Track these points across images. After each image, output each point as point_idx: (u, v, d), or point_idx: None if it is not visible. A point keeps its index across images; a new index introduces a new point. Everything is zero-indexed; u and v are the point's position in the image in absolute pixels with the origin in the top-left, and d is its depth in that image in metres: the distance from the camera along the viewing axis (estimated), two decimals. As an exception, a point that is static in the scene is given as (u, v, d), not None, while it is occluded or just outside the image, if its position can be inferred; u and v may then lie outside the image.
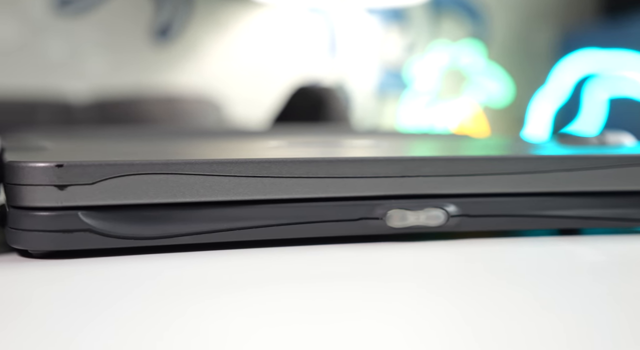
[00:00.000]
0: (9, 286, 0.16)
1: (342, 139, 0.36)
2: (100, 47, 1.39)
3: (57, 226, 0.18)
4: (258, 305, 0.14)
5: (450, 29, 1.59)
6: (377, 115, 1.55)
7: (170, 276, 0.17)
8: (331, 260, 0.19)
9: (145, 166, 0.18)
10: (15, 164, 0.18)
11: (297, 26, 1.52)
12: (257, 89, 1.49)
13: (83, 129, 0.53)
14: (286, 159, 0.20)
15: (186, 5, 1.46)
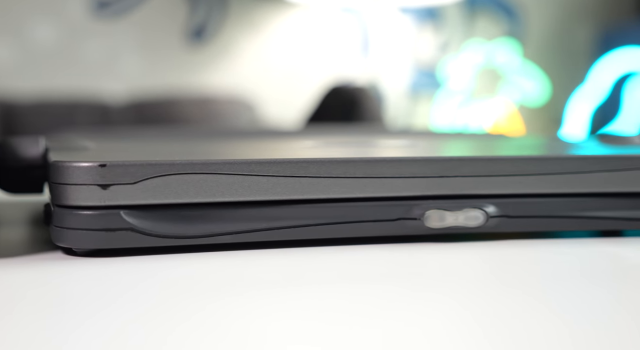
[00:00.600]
0: (54, 283, 0.16)
1: (376, 139, 0.36)
2: (136, 48, 1.42)
3: (100, 225, 0.18)
4: (297, 305, 0.14)
5: (485, 28, 1.58)
6: (409, 115, 1.54)
7: (210, 275, 0.17)
8: (369, 261, 0.19)
9: (186, 166, 0.19)
10: (60, 164, 0.18)
11: (330, 26, 1.52)
12: (290, 89, 1.50)
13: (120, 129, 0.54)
14: (324, 158, 0.20)
15: (220, 7, 1.48)
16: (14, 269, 0.17)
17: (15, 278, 0.16)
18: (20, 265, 0.18)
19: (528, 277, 0.17)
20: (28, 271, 0.17)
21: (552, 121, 1.57)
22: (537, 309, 0.14)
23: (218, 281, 0.16)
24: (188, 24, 1.46)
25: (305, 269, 0.18)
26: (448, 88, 1.54)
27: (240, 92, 1.43)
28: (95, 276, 0.17)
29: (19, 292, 0.15)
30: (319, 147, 0.27)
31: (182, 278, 0.16)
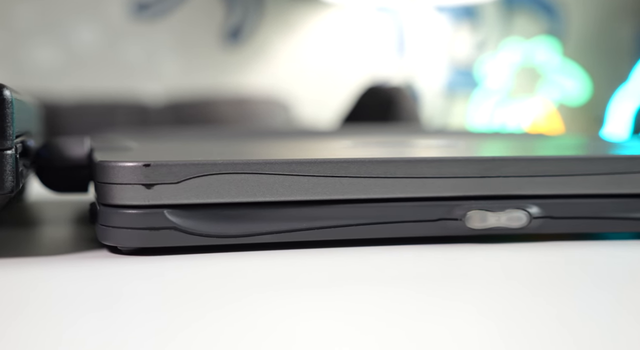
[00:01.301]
0: (100, 281, 0.16)
1: (413, 138, 0.35)
2: (174, 49, 1.44)
3: (144, 224, 0.18)
4: (337, 305, 0.14)
5: (523, 26, 1.55)
6: (445, 115, 1.53)
7: (251, 274, 0.17)
8: (409, 261, 0.19)
9: (227, 166, 0.19)
10: (106, 164, 0.19)
11: (366, 26, 1.52)
12: (325, 89, 1.50)
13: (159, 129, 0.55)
14: (364, 158, 0.20)
15: (257, 8, 1.49)
16: (62, 266, 0.18)
17: (64, 275, 0.17)
18: (67, 262, 0.18)
19: (572, 280, 0.17)
20: (75, 269, 0.17)
21: (592, 120, 1.54)
22: (581, 312, 0.14)
23: (259, 280, 0.16)
24: (224, 25, 1.47)
25: (345, 269, 0.18)
26: (485, 87, 1.52)
27: (276, 93, 1.44)
28: (138, 274, 0.17)
29: (67, 289, 0.16)
30: (358, 147, 0.27)
31: (224, 277, 0.17)
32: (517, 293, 0.16)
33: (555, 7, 1.55)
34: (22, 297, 0.15)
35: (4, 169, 0.17)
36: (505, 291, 0.16)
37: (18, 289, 0.16)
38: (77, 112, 1.22)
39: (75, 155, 0.24)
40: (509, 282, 0.17)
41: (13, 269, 0.17)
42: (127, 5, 1.39)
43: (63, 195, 0.31)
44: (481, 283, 0.16)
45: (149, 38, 1.41)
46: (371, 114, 1.00)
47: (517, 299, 0.15)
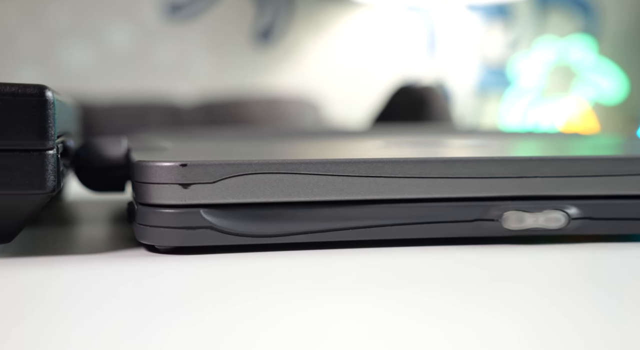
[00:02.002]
0: (140, 279, 0.17)
1: (445, 138, 0.35)
2: (205, 50, 1.45)
3: (181, 223, 0.19)
4: (373, 305, 0.14)
5: (558, 24, 1.53)
6: (477, 114, 1.52)
7: (286, 274, 0.17)
8: (444, 262, 0.18)
9: (263, 166, 0.19)
10: (144, 164, 0.19)
11: (396, 25, 1.51)
12: (355, 89, 1.50)
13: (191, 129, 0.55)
14: (399, 158, 0.20)
15: (287, 8, 1.49)
16: (101, 264, 0.18)
17: (102, 273, 0.17)
18: (106, 261, 0.18)
19: (611, 283, 0.17)
20: (114, 267, 0.18)
21: (628, 120, 1.51)
22: (619, 316, 0.14)
23: (294, 280, 0.16)
24: (255, 26, 1.48)
25: (380, 270, 0.17)
26: (518, 86, 1.50)
27: (306, 93, 1.44)
28: (176, 273, 0.17)
29: (106, 287, 0.16)
30: (391, 147, 0.27)
31: (259, 276, 0.17)
32: (555, 296, 0.15)
33: (590, 5, 1.53)
34: (61, 294, 0.15)
35: (46, 169, 0.17)
36: (543, 294, 0.15)
37: (57, 286, 0.16)
38: (110, 112, 1.24)
39: (112, 155, 0.24)
40: (546, 284, 0.16)
41: (53, 266, 0.18)
42: (160, 7, 1.41)
43: (100, 195, 0.31)
44: (517, 285, 0.16)
45: (182, 39, 1.42)
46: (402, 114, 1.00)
47: (554, 302, 0.15)
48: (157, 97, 1.32)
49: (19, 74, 1.35)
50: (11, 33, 1.35)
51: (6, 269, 0.17)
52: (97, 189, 0.25)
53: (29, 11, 1.36)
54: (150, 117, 1.26)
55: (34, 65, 1.37)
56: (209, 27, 1.44)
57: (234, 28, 1.46)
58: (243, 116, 1.30)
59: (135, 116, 1.25)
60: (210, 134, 0.39)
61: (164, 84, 1.39)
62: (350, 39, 1.50)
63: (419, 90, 1.04)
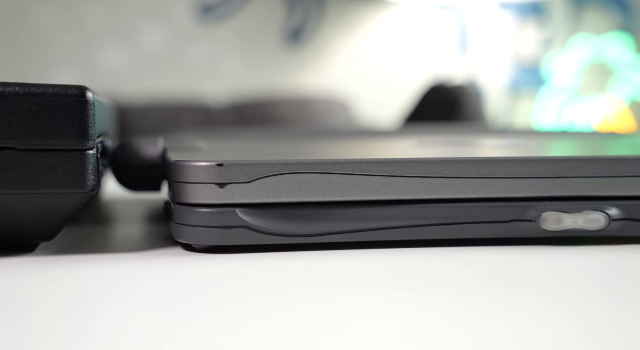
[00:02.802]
0: (177, 277, 0.17)
1: (479, 138, 0.35)
2: (237, 51, 1.46)
3: (217, 222, 0.19)
4: (407, 306, 0.14)
5: (593, 22, 1.50)
6: (510, 113, 1.50)
7: (322, 273, 0.17)
8: (481, 263, 0.18)
9: (298, 166, 0.19)
10: (181, 163, 0.19)
11: (427, 24, 1.50)
12: (386, 89, 1.49)
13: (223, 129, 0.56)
14: (435, 158, 0.20)
15: (318, 8, 1.50)
16: (139, 263, 0.18)
17: (141, 271, 0.17)
18: (144, 259, 0.19)
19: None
20: (151, 266, 0.18)
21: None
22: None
23: (329, 279, 0.16)
24: (286, 26, 1.49)
25: (416, 270, 0.17)
26: (552, 85, 1.47)
27: (336, 93, 1.44)
28: (212, 272, 0.17)
29: (145, 285, 0.16)
30: (425, 147, 0.26)
31: (294, 276, 0.17)
32: (595, 298, 0.15)
33: (628, 2, 1.49)
34: (101, 291, 0.16)
35: (87, 169, 0.17)
36: (582, 296, 0.15)
37: (96, 284, 0.16)
38: (144, 112, 1.26)
39: (149, 155, 0.24)
40: (586, 286, 0.16)
41: (91, 265, 0.18)
42: (193, 8, 1.42)
43: (136, 194, 0.32)
44: (556, 287, 0.16)
45: (213, 39, 1.44)
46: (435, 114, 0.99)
47: (594, 304, 0.15)
48: (189, 97, 1.33)
49: (56, 75, 1.38)
50: (48, 35, 1.38)
51: (49, 266, 0.18)
52: (134, 188, 0.25)
53: (66, 14, 1.39)
54: (183, 118, 1.28)
55: (70, 67, 1.39)
56: (240, 27, 1.45)
57: (264, 28, 1.47)
58: (273, 116, 1.31)
59: (167, 116, 1.27)
60: (242, 134, 0.39)
61: (196, 84, 1.41)
62: (381, 39, 1.50)
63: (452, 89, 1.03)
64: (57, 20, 1.38)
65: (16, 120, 0.17)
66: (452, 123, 0.95)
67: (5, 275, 0.17)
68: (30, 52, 1.38)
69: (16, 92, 0.17)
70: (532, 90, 1.49)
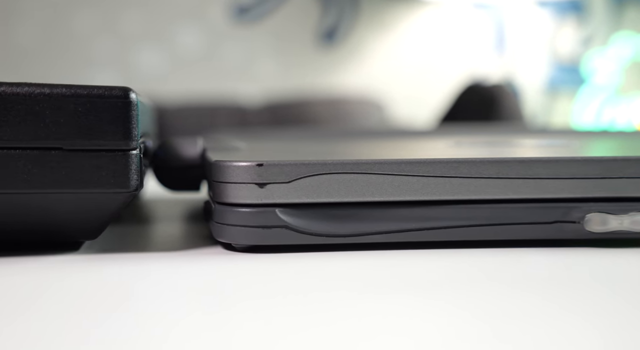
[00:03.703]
0: (218, 276, 0.17)
1: (517, 137, 0.34)
2: (271, 51, 1.47)
3: (257, 222, 0.19)
4: (448, 306, 0.14)
5: (635, 19, 1.46)
6: (548, 113, 1.47)
7: (361, 274, 0.17)
8: (521, 264, 0.18)
9: (337, 166, 0.19)
10: (221, 164, 0.19)
11: (463, 23, 1.49)
12: (421, 88, 1.48)
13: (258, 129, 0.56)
14: (475, 159, 0.19)
15: (352, 8, 1.49)
16: (180, 262, 0.18)
17: (182, 270, 0.18)
18: (184, 258, 0.19)
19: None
20: (193, 264, 0.18)
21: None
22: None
23: (369, 280, 0.16)
24: (320, 26, 1.49)
25: (456, 271, 0.17)
26: (592, 84, 1.44)
27: (371, 92, 1.43)
28: (253, 271, 0.17)
29: (187, 283, 0.16)
30: (463, 146, 0.26)
31: (333, 276, 0.17)
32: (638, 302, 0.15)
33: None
34: (146, 289, 0.16)
35: (130, 169, 0.18)
36: (627, 299, 0.15)
37: (139, 281, 0.17)
38: (180, 113, 1.28)
39: (189, 155, 0.25)
40: (631, 290, 0.16)
41: (134, 263, 0.18)
42: (228, 9, 1.44)
43: (175, 194, 0.32)
44: (600, 289, 0.16)
45: (248, 40, 1.45)
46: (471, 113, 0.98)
47: (634, 307, 0.14)
48: (223, 97, 1.34)
49: (95, 76, 1.40)
50: (88, 38, 1.41)
51: (93, 264, 0.18)
52: (174, 188, 0.25)
53: (105, 18, 1.41)
54: (218, 118, 1.29)
55: (109, 68, 1.42)
56: (275, 28, 1.46)
57: (299, 29, 1.47)
58: (307, 116, 1.31)
59: (203, 117, 1.28)
60: (276, 134, 0.40)
61: (230, 84, 1.42)
62: (416, 38, 1.49)
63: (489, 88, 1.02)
64: (96, 24, 1.41)
65: (63, 121, 0.17)
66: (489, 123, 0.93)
67: (52, 272, 0.17)
68: (71, 55, 1.41)
69: (63, 93, 0.17)
70: (571, 89, 1.47)
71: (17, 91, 0.17)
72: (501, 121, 0.95)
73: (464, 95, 1.04)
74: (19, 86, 0.17)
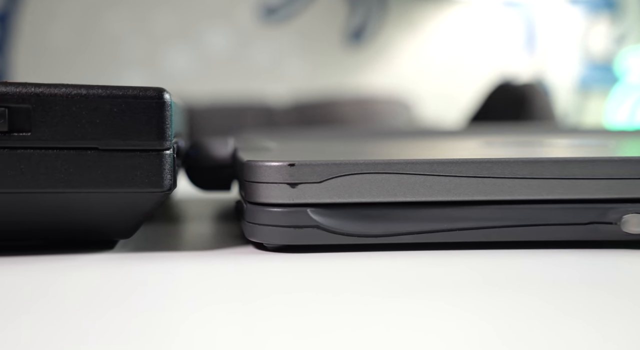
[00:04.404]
0: (250, 275, 0.17)
1: (549, 137, 0.34)
2: (298, 51, 1.47)
3: (288, 222, 0.19)
4: (481, 308, 0.14)
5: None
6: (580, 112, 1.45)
7: (392, 274, 0.17)
8: (556, 266, 0.18)
9: (369, 166, 0.19)
10: (253, 163, 0.19)
11: (492, 22, 1.47)
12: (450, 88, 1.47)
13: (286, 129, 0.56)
14: (509, 159, 0.19)
15: (379, 8, 1.49)
16: (213, 261, 0.19)
17: (214, 269, 0.18)
18: (217, 257, 0.19)
19: None
20: (225, 263, 0.18)
21: None
22: None
23: (401, 280, 0.16)
24: (347, 26, 1.49)
25: (489, 272, 0.17)
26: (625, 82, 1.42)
27: (399, 92, 1.43)
28: (285, 270, 0.17)
29: (221, 282, 0.16)
30: (496, 146, 0.26)
31: (365, 276, 0.17)
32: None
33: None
34: (178, 287, 0.16)
35: (164, 169, 0.18)
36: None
37: (173, 280, 0.17)
38: (209, 113, 1.29)
39: (220, 155, 0.25)
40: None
41: (168, 261, 0.19)
42: (256, 10, 1.44)
43: (205, 193, 0.33)
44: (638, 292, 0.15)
45: (275, 40, 1.45)
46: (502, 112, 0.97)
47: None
48: (251, 98, 1.35)
49: (125, 77, 1.42)
50: (119, 38, 1.43)
51: (128, 262, 0.18)
52: (205, 187, 0.25)
53: (135, 18, 1.43)
54: (246, 118, 1.30)
55: (139, 69, 1.44)
56: (302, 28, 1.46)
57: (326, 29, 1.47)
58: (335, 116, 1.31)
59: (231, 117, 1.29)
60: (305, 134, 0.40)
61: (258, 85, 1.43)
62: (445, 37, 1.48)
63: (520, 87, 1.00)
64: (127, 24, 1.43)
65: (99, 121, 0.17)
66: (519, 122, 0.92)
67: (88, 271, 0.17)
68: (103, 55, 1.43)
69: (99, 94, 0.17)
70: (604, 88, 1.44)
71: (55, 92, 0.17)
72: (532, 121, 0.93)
73: (494, 94, 1.03)
74: (57, 87, 0.17)
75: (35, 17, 1.40)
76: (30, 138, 0.17)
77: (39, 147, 0.17)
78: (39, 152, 0.17)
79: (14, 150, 0.17)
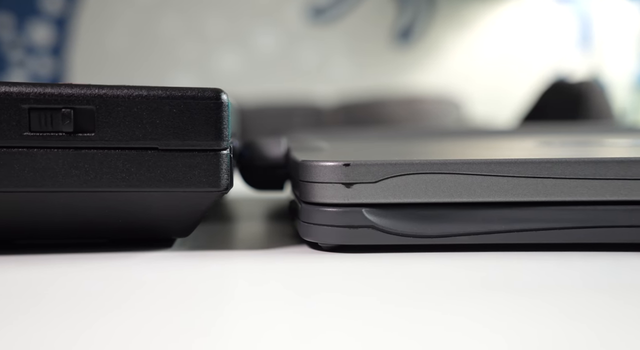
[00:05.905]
0: (305, 274, 0.17)
1: (606, 136, 0.33)
2: (346, 52, 1.47)
3: (343, 222, 0.19)
4: (542, 311, 0.14)
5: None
6: (638, 110, 1.40)
7: (448, 275, 0.17)
8: (618, 269, 0.17)
9: (425, 166, 0.19)
10: (308, 163, 0.19)
11: (545, 19, 1.44)
12: (501, 86, 1.45)
13: (334, 129, 0.56)
14: (570, 159, 0.19)
15: (428, 7, 1.47)
16: (269, 260, 0.19)
17: (271, 268, 0.18)
18: (273, 256, 0.19)
19: None
20: (281, 262, 0.18)
21: None
22: None
23: (457, 281, 0.16)
24: (395, 26, 1.48)
25: (548, 275, 0.17)
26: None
27: (449, 91, 1.41)
28: (340, 270, 0.17)
29: (278, 280, 0.16)
30: (553, 146, 0.25)
31: (420, 276, 0.17)
32: None
33: None
34: (238, 285, 0.16)
35: (221, 168, 0.18)
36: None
37: (232, 278, 0.17)
38: (257, 114, 1.30)
39: (274, 155, 0.25)
40: None
41: (225, 260, 0.19)
42: (304, 11, 1.45)
43: (258, 193, 0.33)
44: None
45: (323, 41, 1.46)
46: (557, 111, 0.95)
47: None
48: (300, 98, 1.36)
49: (177, 78, 1.45)
50: (172, 41, 1.46)
51: (186, 260, 0.19)
52: (259, 187, 0.26)
53: (187, 21, 1.46)
54: (294, 118, 1.31)
55: (190, 70, 1.46)
56: (350, 28, 1.46)
57: (374, 29, 1.47)
58: (383, 116, 1.31)
59: (280, 117, 1.30)
60: (354, 134, 0.40)
61: (306, 85, 1.43)
62: (496, 35, 1.45)
63: (576, 85, 0.98)
64: (179, 26, 1.46)
65: (159, 122, 0.18)
66: (574, 121, 0.90)
67: (147, 268, 0.18)
68: (155, 57, 1.46)
69: (159, 95, 0.18)
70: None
71: (118, 93, 0.17)
72: (589, 119, 0.91)
73: (549, 92, 1.01)
74: (120, 89, 0.17)
75: (92, 22, 1.44)
76: (94, 138, 0.18)
77: (102, 147, 0.18)
78: (102, 152, 0.18)
79: (78, 150, 0.18)
